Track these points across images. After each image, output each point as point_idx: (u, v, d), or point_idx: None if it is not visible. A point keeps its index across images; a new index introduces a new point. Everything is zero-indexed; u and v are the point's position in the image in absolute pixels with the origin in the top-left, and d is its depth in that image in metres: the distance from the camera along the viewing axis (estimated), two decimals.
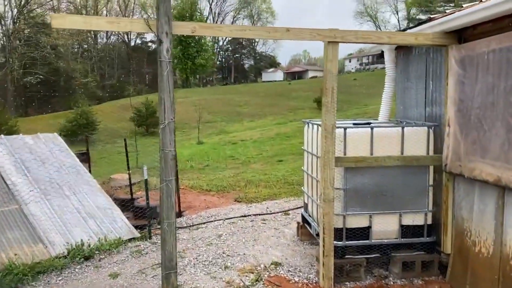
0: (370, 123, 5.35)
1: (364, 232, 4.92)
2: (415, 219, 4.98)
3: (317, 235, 5.52)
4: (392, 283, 4.86)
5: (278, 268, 5.22)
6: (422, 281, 4.88)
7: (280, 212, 7.47)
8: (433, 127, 4.93)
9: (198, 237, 6.44)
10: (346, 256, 4.93)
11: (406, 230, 4.98)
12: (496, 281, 4.09)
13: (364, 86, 42.68)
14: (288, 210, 7.53)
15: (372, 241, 4.94)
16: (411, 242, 5.01)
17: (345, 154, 4.77)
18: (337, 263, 4.79)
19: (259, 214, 7.38)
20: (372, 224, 4.91)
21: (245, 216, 7.34)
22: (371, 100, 35.46)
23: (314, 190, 5.50)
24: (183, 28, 3.93)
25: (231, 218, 7.30)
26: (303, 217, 6.14)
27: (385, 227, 4.94)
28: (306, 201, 6.02)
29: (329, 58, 4.38)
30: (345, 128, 4.78)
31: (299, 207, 7.61)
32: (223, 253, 5.72)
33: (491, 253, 4.18)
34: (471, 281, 4.42)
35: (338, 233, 4.85)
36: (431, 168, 4.96)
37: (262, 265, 5.30)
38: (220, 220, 7.24)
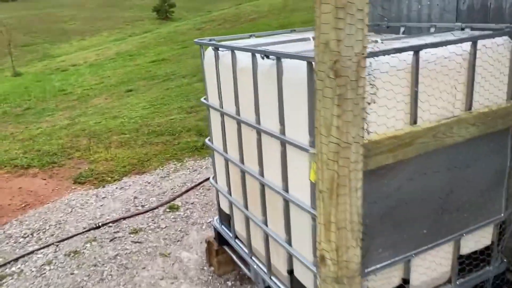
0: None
1: None
2: (480, 239, 2.35)
3: None
4: None
5: None
6: None
7: (162, 205, 4.29)
8: None
9: None
10: None
11: (464, 263, 2.35)
12: None
13: None
14: (175, 198, 4.39)
15: None
16: (468, 280, 2.41)
17: (367, 131, 1.76)
18: None
19: (124, 218, 4.11)
20: (411, 274, 2.14)
21: (97, 227, 4.00)
22: (222, 3, 32.31)
23: (252, 194, 2.47)
24: None
25: (71, 237, 3.90)
26: (218, 234, 3.12)
27: (433, 270, 2.23)
28: (225, 209, 2.96)
29: None
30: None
31: (194, 187, 4.54)
32: None
33: None
34: None
35: None
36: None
37: None
38: (48, 246, 3.79)
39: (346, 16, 1.28)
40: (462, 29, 2.38)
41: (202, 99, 2.89)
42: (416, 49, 1.79)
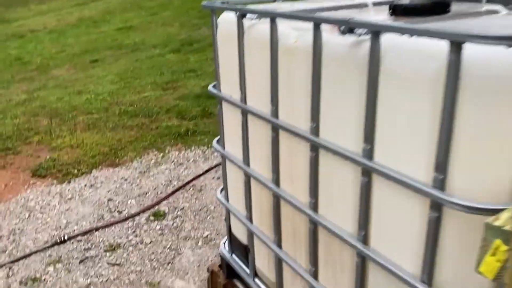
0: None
1: None
2: None
3: None
4: None
5: None
6: None
7: (144, 211, 3.48)
8: None
9: None
10: None
11: None
12: None
13: None
14: (160, 202, 3.58)
15: None
16: None
17: None
18: None
19: (97, 229, 3.29)
20: None
21: (63, 241, 3.17)
22: None
23: (292, 231, 1.72)
24: None
25: (29, 255, 3.06)
26: (226, 264, 2.37)
27: None
28: (241, 238, 2.21)
29: None
30: None
31: (182, 186, 3.73)
32: None
33: None
34: None
35: None
36: None
37: None
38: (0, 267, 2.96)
39: None
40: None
41: (210, 87, 2.08)
42: None
